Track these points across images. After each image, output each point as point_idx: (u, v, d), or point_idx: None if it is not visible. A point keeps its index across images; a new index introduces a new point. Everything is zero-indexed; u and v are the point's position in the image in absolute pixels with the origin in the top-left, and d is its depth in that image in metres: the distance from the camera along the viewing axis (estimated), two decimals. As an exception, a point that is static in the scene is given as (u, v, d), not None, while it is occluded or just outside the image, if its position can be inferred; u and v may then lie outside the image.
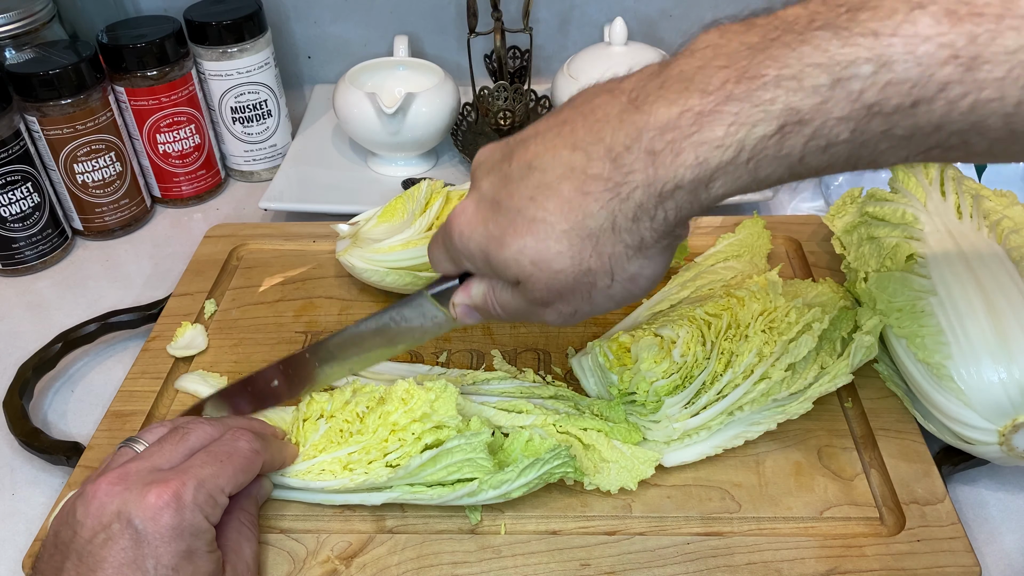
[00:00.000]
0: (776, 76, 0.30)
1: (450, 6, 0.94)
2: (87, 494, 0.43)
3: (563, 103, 0.39)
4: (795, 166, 0.32)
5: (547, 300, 0.39)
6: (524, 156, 0.37)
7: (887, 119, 0.30)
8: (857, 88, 0.29)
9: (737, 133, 0.31)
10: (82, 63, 0.74)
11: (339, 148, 0.90)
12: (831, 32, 0.30)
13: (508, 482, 0.48)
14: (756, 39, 0.31)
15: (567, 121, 0.36)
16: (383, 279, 0.65)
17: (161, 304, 0.69)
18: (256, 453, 0.48)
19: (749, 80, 0.31)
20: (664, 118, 0.32)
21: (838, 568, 0.48)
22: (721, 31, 0.33)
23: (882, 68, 0.29)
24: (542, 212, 0.36)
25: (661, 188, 0.33)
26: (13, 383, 0.63)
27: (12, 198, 0.75)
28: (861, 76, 0.29)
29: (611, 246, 0.36)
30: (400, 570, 0.49)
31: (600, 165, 0.34)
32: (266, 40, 0.84)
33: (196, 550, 0.42)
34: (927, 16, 0.28)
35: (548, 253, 0.36)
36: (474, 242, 0.39)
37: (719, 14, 0.97)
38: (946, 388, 0.51)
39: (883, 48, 0.29)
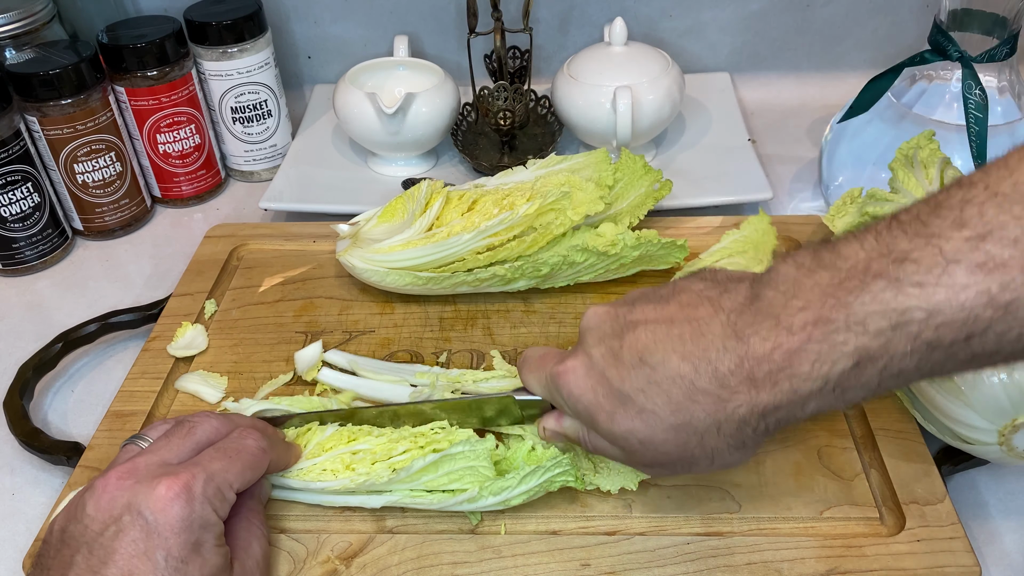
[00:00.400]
0: (845, 321, 0.35)
1: (450, 6, 0.94)
2: (96, 488, 0.43)
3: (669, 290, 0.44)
4: (875, 389, 0.37)
5: (648, 465, 0.45)
6: (635, 344, 0.42)
7: (946, 351, 0.34)
8: (915, 331, 0.34)
9: (821, 368, 0.36)
10: (82, 63, 0.74)
11: (339, 148, 0.90)
12: (885, 282, 0.35)
13: (508, 489, 0.49)
14: (825, 280, 0.37)
15: (675, 322, 0.41)
16: (383, 279, 0.65)
17: (161, 304, 0.69)
18: (263, 452, 0.48)
19: (824, 324, 0.36)
20: (760, 351, 0.38)
21: (838, 568, 0.48)
22: (795, 264, 0.38)
23: (933, 314, 0.34)
24: (651, 405, 0.41)
25: (763, 409, 0.38)
26: (13, 383, 0.63)
27: (12, 198, 0.75)
28: (916, 320, 0.34)
29: (715, 442, 0.41)
30: (400, 570, 0.49)
31: (707, 382, 0.39)
32: (266, 40, 0.84)
33: (205, 543, 0.43)
34: (961, 269, 0.33)
35: (655, 439, 0.41)
36: (582, 406, 0.44)
37: (719, 14, 0.97)
38: (946, 388, 0.51)
39: (929, 297, 0.34)
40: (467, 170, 0.87)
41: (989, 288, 0.33)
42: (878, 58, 0.94)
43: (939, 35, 0.68)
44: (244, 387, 0.61)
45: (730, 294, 0.40)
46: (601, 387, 0.43)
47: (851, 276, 0.36)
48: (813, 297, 0.36)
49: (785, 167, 0.87)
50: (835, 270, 0.36)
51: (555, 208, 0.63)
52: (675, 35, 0.96)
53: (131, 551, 0.41)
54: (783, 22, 0.95)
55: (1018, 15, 0.66)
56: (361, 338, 0.65)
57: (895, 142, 0.67)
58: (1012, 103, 0.70)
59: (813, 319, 0.36)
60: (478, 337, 0.65)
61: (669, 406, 0.40)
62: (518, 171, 0.70)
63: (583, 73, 0.81)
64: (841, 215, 0.66)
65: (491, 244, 0.63)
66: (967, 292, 0.33)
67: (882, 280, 0.35)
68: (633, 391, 0.41)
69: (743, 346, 0.38)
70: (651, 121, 0.80)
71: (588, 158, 0.69)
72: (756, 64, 0.98)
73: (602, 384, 0.43)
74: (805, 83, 0.98)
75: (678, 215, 0.75)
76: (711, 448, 0.41)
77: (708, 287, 0.42)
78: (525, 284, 0.66)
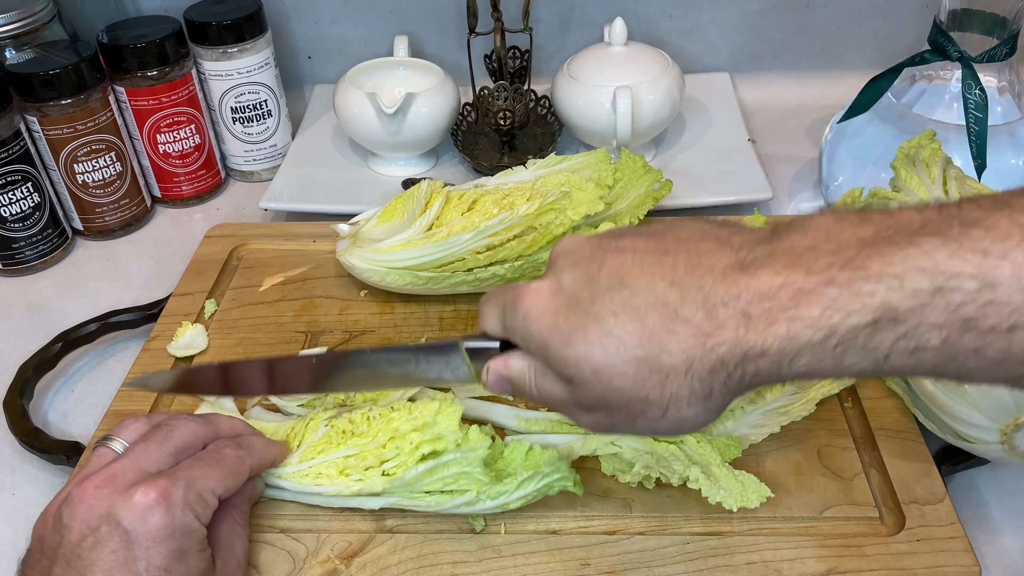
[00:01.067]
0: (879, 271, 0.31)
1: (450, 6, 0.94)
2: (73, 498, 0.43)
3: (666, 227, 0.39)
4: (880, 362, 0.32)
5: (592, 407, 0.39)
6: (616, 268, 0.37)
7: (981, 337, 0.30)
8: (957, 300, 0.30)
9: (832, 317, 0.32)
10: (82, 63, 0.74)
11: (339, 148, 0.90)
12: (941, 240, 0.30)
13: (506, 494, 0.49)
14: (868, 233, 0.32)
15: (669, 252, 0.36)
16: (383, 279, 0.65)
17: (161, 304, 0.69)
18: (242, 459, 0.48)
19: (853, 270, 0.31)
20: (766, 286, 0.33)
21: (838, 568, 0.48)
22: (836, 216, 0.34)
23: (985, 287, 0.29)
24: (619, 330, 0.35)
25: (747, 350, 0.33)
26: (13, 383, 0.63)
27: (12, 198, 0.75)
28: (963, 290, 0.30)
29: (677, 387, 0.35)
30: (400, 570, 0.49)
31: (693, 310, 0.34)
32: (266, 40, 0.84)
33: (187, 549, 0.42)
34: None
35: (612, 369, 0.36)
36: (537, 327, 0.38)
37: (719, 14, 0.97)
38: (948, 386, 0.51)
39: (990, 268, 0.29)
40: (467, 170, 0.87)
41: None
42: (878, 58, 0.94)
43: (939, 35, 0.68)
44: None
45: (743, 234, 0.36)
46: (565, 309, 0.37)
47: (901, 232, 0.31)
48: (849, 245, 0.32)
49: (785, 167, 0.87)
50: (883, 227, 0.32)
51: (555, 208, 0.64)
52: (675, 35, 0.96)
53: (110, 562, 0.40)
54: (783, 22, 0.95)
55: (1018, 15, 0.66)
56: (361, 338, 0.65)
57: (895, 142, 0.67)
58: (1012, 103, 0.70)
59: (841, 262, 0.32)
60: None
61: (641, 334, 0.35)
62: (518, 171, 0.70)
63: (583, 73, 0.81)
64: (841, 215, 0.66)
65: (491, 244, 0.63)
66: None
67: (937, 238, 0.30)
68: (604, 313, 0.36)
69: (747, 279, 0.33)
70: (651, 121, 0.80)
71: (588, 158, 0.69)
72: (756, 64, 0.98)
73: (567, 306, 0.37)
74: (805, 83, 0.98)
75: (678, 215, 0.75)
76: (669, 394, 0.36)
77: (716, 227, 0.37)
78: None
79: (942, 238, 0.30)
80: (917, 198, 0.61)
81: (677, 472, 0.49)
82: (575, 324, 0.37)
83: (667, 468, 0.50)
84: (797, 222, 0.35)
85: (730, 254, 0.35)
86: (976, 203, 0.31)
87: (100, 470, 0.44)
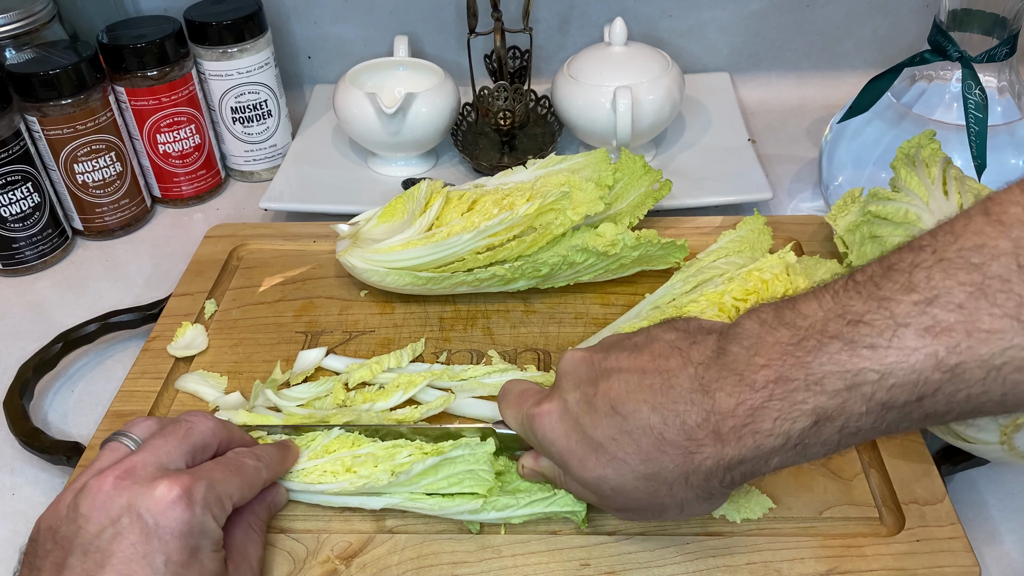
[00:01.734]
0: (804, 380, 0.36)
1: (450, 6, 0.94)
2: (91, 488, 0.42)
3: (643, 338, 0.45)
4: (835, 447, 0.38)
5: (620, 510, 0.45)
6: (608, 392, 0.43)
7: (901, 410, 0.35)
8: (869, 391, 0.35)
9: (782, 426, 0.37)
10: (82, 63, 0.74)
11: (339, 148, 0.90)
12: (841, 343, 0.36)
13: (512, 507, 0.49)
14: (785, 338, 0.38)
15: (646, 372, 0.42)
16: (383, 279, 0.65)
17: (161, 304, 0.69)
18: (259, 471, 0.48)
19: (785, 383, 0.37)
20: (725, 406, 0.38)
21: (837, 568, 0.48)
22: (759, 321, 0.39)
23: (885, 375, 0.35)
24: (622, 453, 0.42)
25: (728, 461, 0.39)
26: (13, 383, 0.63)
27: (12, 198, 0.75)
28: (870, 382, 0.35)
29: (683, 492, 0.41)
30: (400, 570, 0.49)
31: (675, 434, 0.40)
32: (266, 40, 0.84)
33: (203, 548, 0.42)
34: (910, 332, 0.34)
35: (626, 486, 0.42)
36: (556, 449, 0.45)
37: (719, 14, 0.97)
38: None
39: (881, 358, 0.34)
40: (467, 170, 0.87)
41: (937, 351, 0.33)
42: (878, 58, 0.94)
43: (939, 35, 0.68)
44: (244, 387, 0.61)
45: (699, 346, 0.41)
46: (575, 433, 0.44)
47: (809, 335, 0.37)
48: (774, 355, 0.38)
49: (785, 167, 0.87)
50: (795, 328, 0.38)
51: (555, 208, 0.63)
52: (675, 35, 0.96)
53: (129, 554, 0.40)
54: (783, 22, 0.95)
55: (1018, 15, 0.66)
56: (361, 338, 0.65)
57: (895, 142, 0.67)
58: (1012, 103, 0.70)
59: (775, 377, 0.37)
60: (478, 337, 0.65)
61: (639, 455, 0.41)
62: (518, 171, 0.70)
63: (583, 73, 0.81)
64: (843, 214, 0.66)
65: (491, 244, 0.63)
66: (916, 355, 0.34)
67: (838, 341, 0.36)
68: (605, 439, 0.42)
69: (709, 400, 0.39)
70: (651, 121, 0.80)
71: (588, 158, 0.69)
72: (756, 64, 0.98)
73: (575, 430, 0.44)
74: (805, 83, 0.98)
75: (678, 215, 0.75)
76: (680, 498, 0.42)
77: (679, 338, 0.43)
78: (525, 284, 0.66)
79: (841, 341, 0.36)
80: (917, 198, 0.61)
81: None
82: (586, 450, 0.43)
83: None
84: (732, 332, 0.40)
85: (692, 372, 0.40)
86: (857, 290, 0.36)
87: (118, 462, 0.44)
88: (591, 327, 0.65)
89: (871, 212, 0.62)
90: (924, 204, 0.60)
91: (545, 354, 0.63)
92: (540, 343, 0.64)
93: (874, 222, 0.61)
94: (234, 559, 0.46)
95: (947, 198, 0.60)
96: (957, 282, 0.34)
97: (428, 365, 0.62)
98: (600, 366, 0.44)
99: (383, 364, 0.61)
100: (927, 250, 0.35)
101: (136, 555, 0.40)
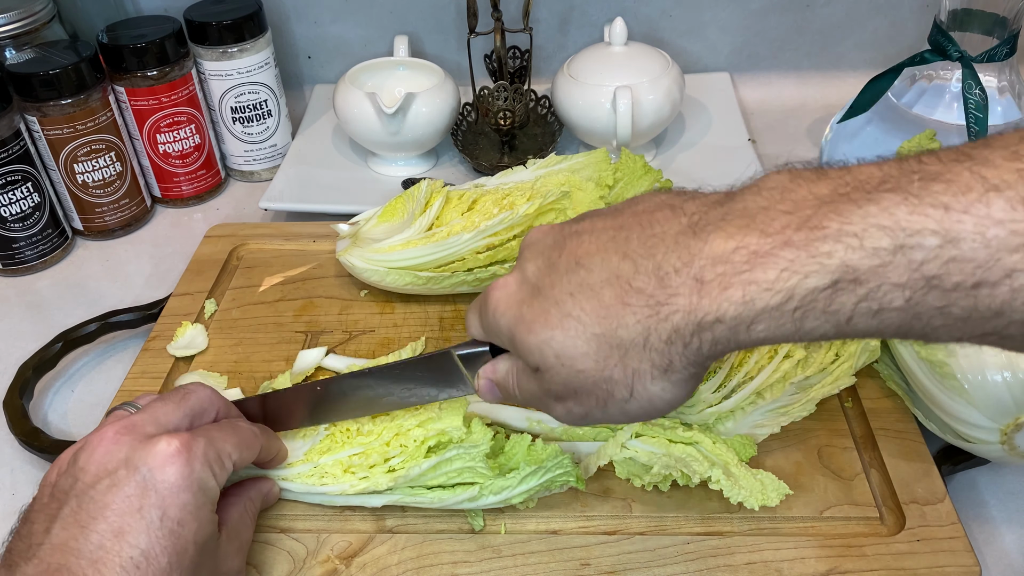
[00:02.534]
0: (838, 230, 0.30)
1: (450, 6, 0.94)
2: (91, 442, 0.42)
3: (625, 203, 0.38)
4: (842, 325, 0.31)
5: (562, 395, 0.39)
6: (575, 250, 0.37)
7: (945, 295, 0.29)
8: (919, 258, 0.29)
9: (789, 280, 0.30)
10: (82, 63, 0.74)
11: (339, 148, 0.90)
12: (901, 196, 0.29)
13: (509, 488, 0.49)
14: (826, 191, 0.31)
15: (623, 227, 0.36)
16: (383, 279, 0.65)
17: (161, 304, 0.69)
18: (256, 435, 0.48)
19: (810, 229, 0.30)
20: (719, 249, 0.32)
21: (838, 568, 0.48)
22: (792, 175, 0.33)
23: (948, 243, 0.28)
24: (577, 310, 0.35)
25: (701, 318, 0.32)
26: (13, 383, 0.63)
27: (12, 198, 0.75)
28: (925, 247, 0.28)
29: (638, 361, 0.35)
30: (400, 569, 0.49)
31: (645, 280, 0.34)
32: (266, 40, 0.84)
33: (201, 506, 0.42)
34: (1002, 199, 0.28)
35: (574, 351, 0.36)
36: (505, 320, 0.39)
37: (719, 14, 0.97)
38: (949, 386, 0.51)
39: (952, 223, 0.28)
40: (467, 170, 0.87)
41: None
42: (878, 58, 0.94)
43: (939, 35, 0.68)
44: (244, 387, 0.61)
45: (697, 199, 0.35)
46: (529, 299, 0.38)
47: (860, 188, 0.30)
48: (806, 204, 0.31)
49: (785, 167, 0.87)
50: (841, 183, 0.31)
51: (555, 208, 0.64)
52: (675, 35, 0.96)
53: (124, 507, 0.40)
54: (783, 22, 0.95)
55: (1018, 15, 0.66)
56: (361, 338, 0.65)
57: (895, 142, 0.67)
58: (1012, 103, 0.70)
59: (798, 223, 0.30)
60: (478, 337, 0.65)
61: (598, 310, 0.35)
62: (518, 171, 0.70)
63: (583, 73, 0.81)
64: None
65: (491, 244, 0.63)
66: (999, 228, 0.27)
67: (897, 194, 0.29)
68: (562, 296, 0.36)
69: (699, 243, 0.32)
70: (651, 121, 0.80)
71: (588, 158, 0.69)
72: (756, 64, 0.98)
73: (531, 295, 0.38)
74: (805, 83, 0.98)
75: (678, 215, 0.75)
76: (632, 371, 0.35)
77: (671, 196, 0.36)
78: (525, 284, 0.66)
79: (902, 194, 0.29)
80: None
81: (698, 472, 0.49)
82: (536, 312, 0.37)
83: (687, 469, 0.49)
84: (752, 182, 0.33)
85: (683, 219, 0.34)
86: (937, 156, 0.30)
87: (120, 420, 0.43)
88: (591, 327, 0.65)
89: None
90: (924, 204, 0.60)
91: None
92: (540, 343, 0.64)
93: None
94: (227, 531, 0.45)
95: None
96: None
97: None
98: (569, 229, 0.39)
99: (382, 364, 0.61)
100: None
101: (131, 508, 0.40)
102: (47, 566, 0.38)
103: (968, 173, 0.28)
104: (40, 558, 0.39)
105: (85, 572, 0.38)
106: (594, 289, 0.35)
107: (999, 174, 0.28)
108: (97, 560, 0.38)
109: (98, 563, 0.38)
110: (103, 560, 0.38)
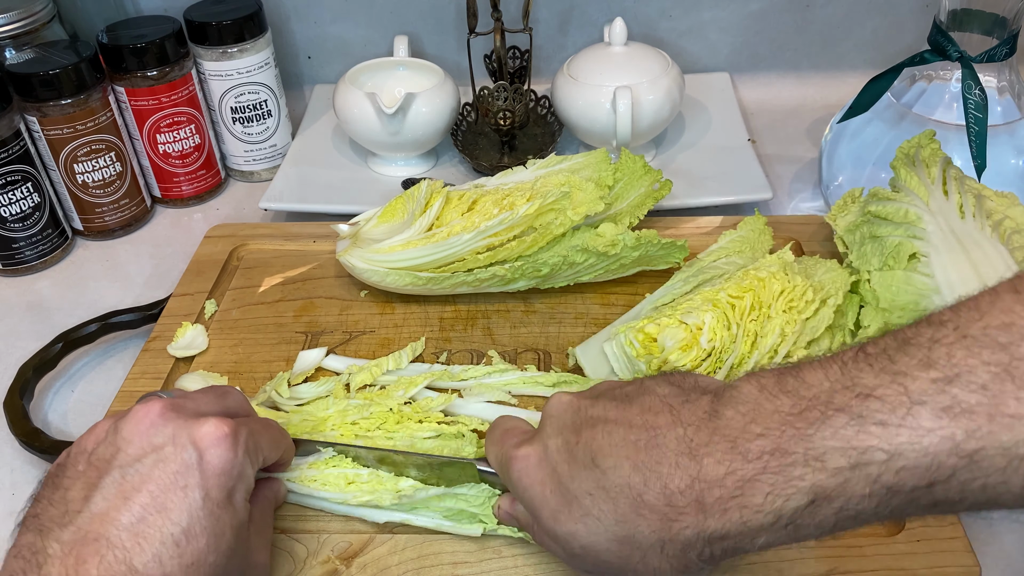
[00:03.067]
0: (803, 455, 0.33)
1: (450, 6, 0.94)
2: (137, 414, 0.42)
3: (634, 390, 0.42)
4: (832, 529, 0.34)
5: (589, 571, 0.42)
6: (589, 443, 0.40)
7: (907, 496, 0.32)
8: (874, 472, 0.32)
9: (774, 503, 0.34)
10: (82, 63, 0.74)
11: (339, 148, 0.90)
12: (847, 417, 0.33)
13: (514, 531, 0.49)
14: (786, 407, 0.35)
15: (633, 427, 0.39)
16: (383, 279, 0.65)
17: (161, 304, 0.69)
18: (284, 434, 0.49)
19: (782, 455, 0.34)
20: (713, 475, 0.35)
21: (838, 568, 0.48)
22: (760, 386, 0.36)
23: (894, 456, 0.32)
24: (597, 510, 0.39)
25: (709, 535, 0.36)
26: (13, 383, 0.63)
27: (12, 198, 0.75)
28: (876, 462, 0.32)
29: (657, 561, 0.38)
30: (400, 570, 0.49)
31: (655, 497, 0.37)
32: (266, 40, 0.84)
33: (238, 493, 0.42)
34: (926, 411, 0.31)
35: (597, 547, 0.39)
36: (529, 496, 0.42)
37: (719, 14, 0.97)
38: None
39: (892, 438, 0.32)
40: (467, 170, 0.87)
41: (954, 434, 0.31)
42: (878, 58, 0.94)
43: (939, 35, 0.68)
44: (244, 387, 0.61)
45: (691, 406, 0.39)
46: (550, 482, 0.41)
47: (813, 406, 0.34)
48: (772, 424, 0.35)
49: (785, 167, 0.87)
50: (797, 397, 0.35)
51: (555, 208, 0.64)
52: (675, 35, 0.96)
53: (168, 483, 0.40)
54: (783, 22, 0.95)
55: (1018, 15, 0.66)
56: (361, 338, 0.65)
57: (895, 142, 0.67)
58: (1012, 103, 0.70)
59: (771, 448, 0.34)
60: (478, 337, 0.65)
61: (614, 515, 0.38)
62: (518, 171, 0.70)
63: (583, 73, 0.81)
64: (844, 214, 0.66)
65: (491, 244, 0.63)
66: (931, 436, 0.31)
67: (844, 415, 0.33)
68: (581, 493, 0.39)
69: (696, 466, 0.36)
70: (651, 121, 0.80)
71: (588, 158, 0.69)
72: (756, 64, 0.98)
73: (552, 479, 0.41)
74: (805, 83, 0.98)
75: (678, 215, 0.75)
76: (653, 567, 0.39)
77: (672, 394, 0.40)
78: (525, 284, 0.66)
79: (847, 415, 0.33)
80: (917, 198, 0.61)
81: None
82: (560, 502, 0.40)
83: None
84: (728, 394, 0.37)
85: (680, 433, 0.37)
86: (869, 363, 0.34)
87: (162, 400, 0.43)
88: (591, 327, 0.65)
89: (871, 212, 0.62)
90: (924, 204, 0.60)
91: (545, 354, 0.63)
92: (540, 343, 0.64)
93: (874, 222, 0.61)
94: (254, 527, 0.45)
95: (947, 198, 0.60)
96: (981, 361, 0.31)
97: (428, 366, 0.62)
98: (586, 413, 0.42)
99: (382, 367, 0.61)
100: (948, 326, 0.32)
101: (175, 485, 0.40)
102: (84, 534, 0.38)
103: (895, 387, 0.32)
104: (78, 526, 0.39)
105: (125, 544, 0.38)
106: (610, 494, 0.38)
107: (919, 386, 0.32)
108: (138, 534, 0.38)
109: (139, 536, 0.38)
110: (144, 534, 0.38)
